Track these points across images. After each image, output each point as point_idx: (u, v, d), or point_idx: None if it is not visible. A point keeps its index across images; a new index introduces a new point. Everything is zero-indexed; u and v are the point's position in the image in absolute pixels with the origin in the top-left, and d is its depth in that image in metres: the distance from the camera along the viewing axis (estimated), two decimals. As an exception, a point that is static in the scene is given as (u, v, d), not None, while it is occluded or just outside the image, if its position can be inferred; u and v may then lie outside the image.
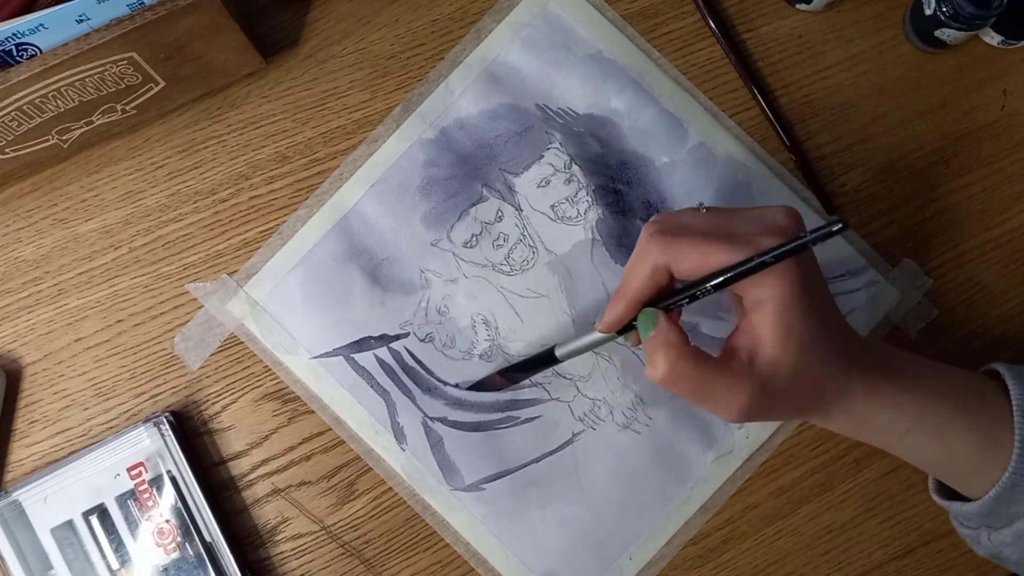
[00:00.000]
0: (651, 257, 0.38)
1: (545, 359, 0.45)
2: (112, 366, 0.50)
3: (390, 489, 0.50)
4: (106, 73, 0.44)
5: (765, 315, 0.36)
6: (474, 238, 0.51)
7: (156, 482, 0.47)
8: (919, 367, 0.42)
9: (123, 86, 0.46)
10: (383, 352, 0.50)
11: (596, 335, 0.41)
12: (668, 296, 0.39)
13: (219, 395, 0.50)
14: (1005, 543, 0.42)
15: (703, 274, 0.37)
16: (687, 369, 0.36)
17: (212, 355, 0.51)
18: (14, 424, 0.50)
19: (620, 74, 0.52)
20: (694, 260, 0.36)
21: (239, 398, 0.50)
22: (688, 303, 0.38)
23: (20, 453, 0.50)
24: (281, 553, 0.50)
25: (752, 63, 0.53)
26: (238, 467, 0.50)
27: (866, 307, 0.51)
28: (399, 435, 0.50)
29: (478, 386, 0.50)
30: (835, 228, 0.33)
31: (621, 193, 0.52)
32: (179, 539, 0.47)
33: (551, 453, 0.50)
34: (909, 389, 0.40)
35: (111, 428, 0.50)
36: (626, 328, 0.40)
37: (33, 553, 0.47)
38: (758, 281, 0.36)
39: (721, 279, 0.36)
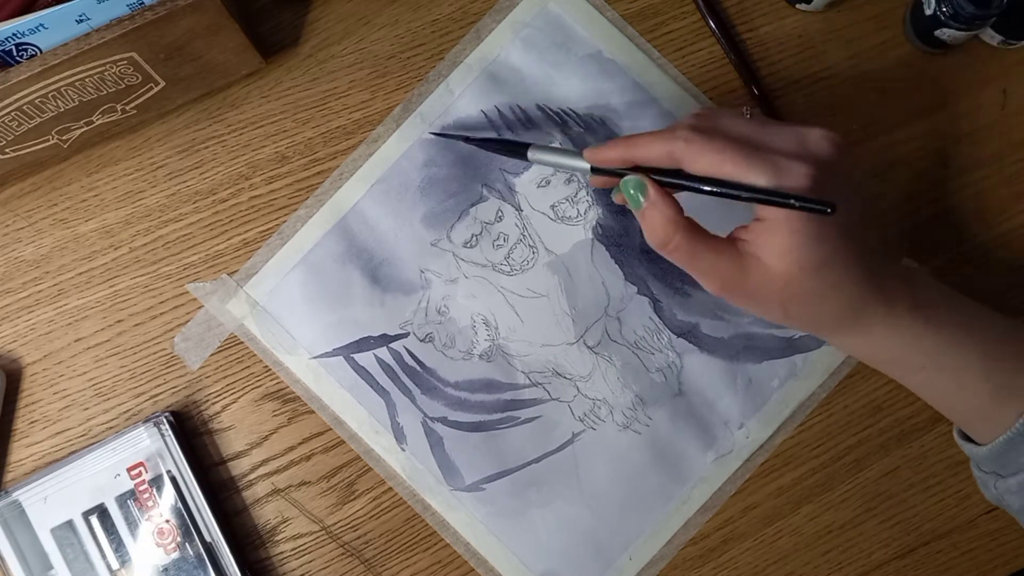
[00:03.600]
0: (673, 146, 0.37)
1: (516, 149, 0.44)
2: (112, 366, 0.51)
3: (390, 489, 0.50)
4: (106, 73, 0.44)
5: (768, 227, 0.36)
6: (474, 238, 0.51)
7: (156, 482, 0.47)
8: (954, 306, 0.41)
9: (123, 86, 0.46)
10: (383, 352, 0.50)
11: (574, 156, 0.41)
12: (667, 174, 0.38)
13: (219, 395, 0.50)
14: (1010, 491, 0.42)
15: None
16: (682, 243, 0.38)
17: (212, 355, 0.51)
18: (14, 424, 0.50)
19: (620, 74, 0.52)
20: (708, 164, 0.36)
21: (239, 398, 0.50)
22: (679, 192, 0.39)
23: (20, 453, 0.50)
24: (281, 553, 0.50)
25: (752, 63, 0.53)
26: (238, 467, 0.50)
27: (866, 307, 0.51)
28: (399, 435, 0.50)
29: (442, 133, 0.51)
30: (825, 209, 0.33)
31: (621, 193, 0.52)
32: (179, 539, 0.47)
33: (551, 453, 0.50)
34: (933, 326, 0.39)
35: (111, 428, 0.50)
36: (603, 172, 0.40)
37: (33, 553, 0.47)
38: None
39: (717, 189, 0.36)
